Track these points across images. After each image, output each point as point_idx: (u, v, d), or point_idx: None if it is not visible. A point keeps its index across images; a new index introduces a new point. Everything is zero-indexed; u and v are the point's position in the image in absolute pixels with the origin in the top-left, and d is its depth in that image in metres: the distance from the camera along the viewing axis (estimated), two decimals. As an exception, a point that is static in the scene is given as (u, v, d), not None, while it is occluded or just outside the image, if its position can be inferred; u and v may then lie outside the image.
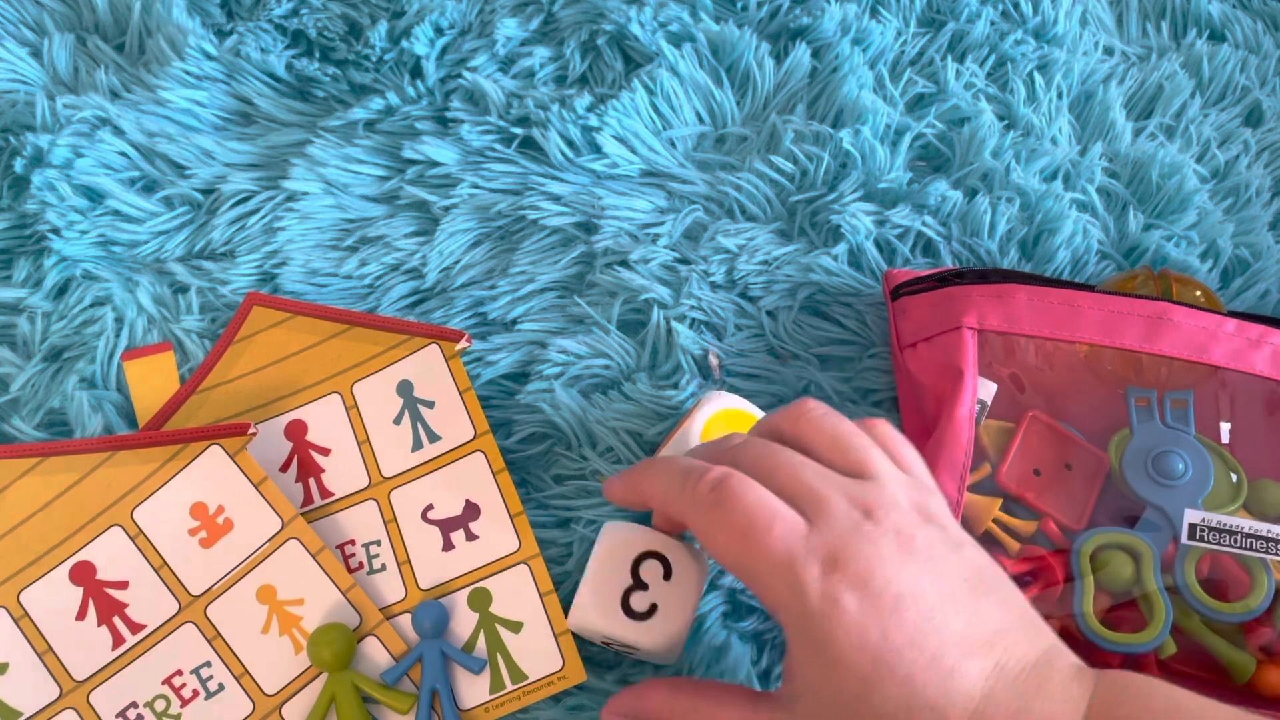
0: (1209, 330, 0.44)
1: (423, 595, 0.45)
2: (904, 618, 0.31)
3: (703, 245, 0.52)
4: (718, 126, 0.57)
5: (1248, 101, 0.58)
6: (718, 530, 0.33)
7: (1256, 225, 0.54)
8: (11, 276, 0.52)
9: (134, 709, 0.43)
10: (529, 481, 0.49)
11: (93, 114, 0.55)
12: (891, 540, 0.32)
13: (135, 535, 0.44)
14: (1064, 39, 0.59)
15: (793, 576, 0.31)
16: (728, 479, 0.34)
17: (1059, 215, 0.53)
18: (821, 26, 0.58)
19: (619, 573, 0.39)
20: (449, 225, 0.53)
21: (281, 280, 0.52)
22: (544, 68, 0.58)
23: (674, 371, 0.50)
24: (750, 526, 0.32)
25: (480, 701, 0.44)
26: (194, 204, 0.54)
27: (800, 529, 0.32)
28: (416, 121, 0.56)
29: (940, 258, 0.53)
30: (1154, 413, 0.44)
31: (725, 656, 0.44)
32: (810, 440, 0.36)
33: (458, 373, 0.48)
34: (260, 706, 0.43)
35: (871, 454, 0.35)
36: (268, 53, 0.57)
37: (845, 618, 0.31)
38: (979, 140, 0.55)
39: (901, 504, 0.33)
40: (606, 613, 0.39)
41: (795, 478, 0.34)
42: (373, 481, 0.47)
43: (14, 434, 0.48)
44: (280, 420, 0.48)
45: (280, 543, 0.45)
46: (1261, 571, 0.41)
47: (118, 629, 0.44)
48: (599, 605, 0.39)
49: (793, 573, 0.31)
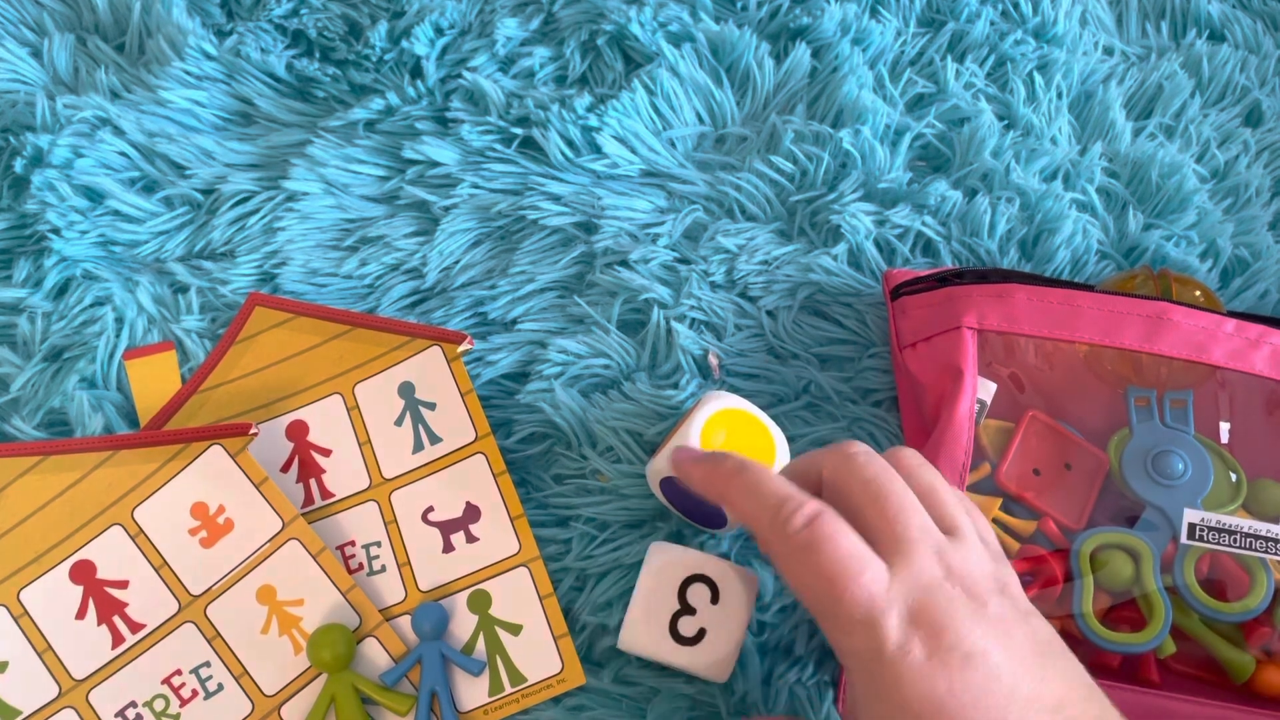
0: (1208, 330, 0.44)
1: (422, 597, 0.45)
2: (971, 675, 0.31)
3: (703, 245, 0.52)
4: (718, 126, 0.57)
5: (1247, 101, 0.58)
6: (804, 571, 0.33)
7: (1256, 225, 0.54)
8: (11, 276, 0.52)
9: (133, 708, 0.43)
10: (529, 481, 0.49)
11: (93, 114, 0.55)
12: (966, 602, 0.33)
13: (135, 535, 0.44)
14: (1064, 39, 0.59)
15: (872, 623, 0.32)
16: (820, 520, 0.33)
17: (1059, 215, 0.53)
18: (821, 26, 0.58)
19: (667, 597, 0.40)
20: (449, 225, 0.53)
21: (281, 280, 0.52)
22: (544, 68, 0.58)
23: (674, 371, 0.50)
24: (839, 574, 0.32)
25: (479, 704, 0.44)
26: (194, 204, 0.54)
27: (884, 578, 0.33)
28: (416, 122, 0.56)
29: (940, 258, 0.53)
30: (1153, 412, 0.44)
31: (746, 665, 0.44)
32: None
33: (459, 375, 0.48)
34: (259, 707, 0.43)
35: (961, 515, 0.36)
36: (268, 53, 0.57)
37: (915, 668, 0.31)
38: (979, 140, 0.55)
39: (979, 569, 0.34)
40: (655, 638, 0.40)
41: (898, 518, 0.34)
42: (373, 482, 0.47)
43: (14, 434, 0.48)
44: (281, 420, 0.48)
45: (280, 543, 0.45)
46: (1261, 571, 0.41)
47: (117, 628, 0.44)
48: (649, 630, 0.40)
49: (873, 620, 0.32)
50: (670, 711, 0.44)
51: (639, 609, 0.40)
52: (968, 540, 0.35)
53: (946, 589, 0.33)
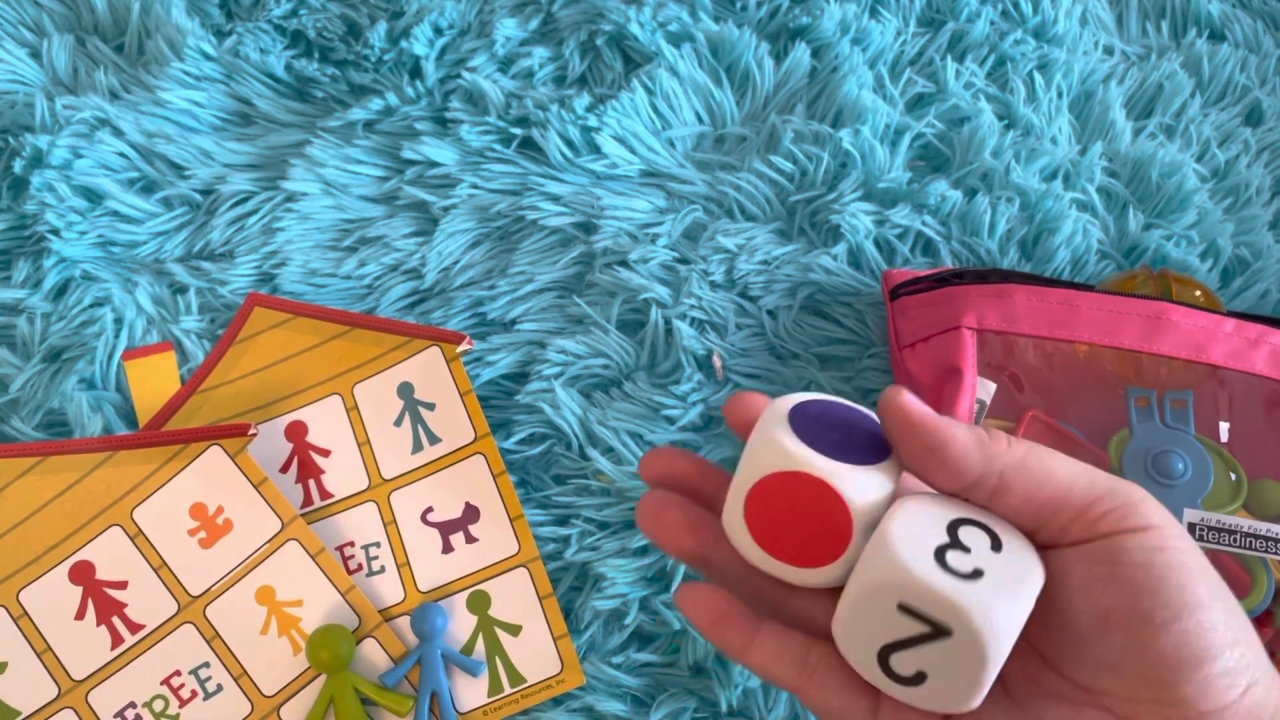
0: (1208, 330, 0.44)
1: (422, 597, 0.45)
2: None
3: (702, 245, 0.52)
4: (717, 126, 0.57)
5: (1248, 101, 0.58)
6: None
7: (1256, 225, 0.54)
8: (11, 277, 0.52)
9: (132, 709, 0.43)
10: (528, 481, 0.49)
11: (92, 115, 0.55)
12: None
13: (135, 535, 0.44)
14: (1064, 38, 0.59)
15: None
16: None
17: (1059, 215, 0.52)
18: (821, 26, 0.58)
19: (931, 529, 0.28)
20: (448, 225, 0.53)
21: (280, 281, 0.52)
22: (543, 68, 0.58)
23: (673, 370, 0.50)
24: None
25: (478, 704, 0.44)
26: (193, 204, 0.54)
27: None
28: (416, 122, 0.56)
29: (940, 257, 0.53)
30: (1153, 412, 0.44)
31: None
32: None
33: (459, 375, 0.48)
34: (259, 707, 0.43)
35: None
36: (267, 53, 0.57)
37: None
38: (979, 140, 0.54)
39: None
40: (916, 559, 0.27)
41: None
42: (373, 483, 0.47)
43: (14, 434, 0.48)
44: (281, 421, 0.48)
45: (280, 544, 0.45)
46: (1261, 571, 0.41)
47: (117, 629, 0.44)
48: (907, 550, 0.27)
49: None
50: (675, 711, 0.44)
51: (891, 533, 0.28)
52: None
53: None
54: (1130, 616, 0.27)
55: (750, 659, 0.31)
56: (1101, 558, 0.28)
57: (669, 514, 0.32)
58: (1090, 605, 0.28)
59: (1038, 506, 0.29)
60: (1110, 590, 0.28)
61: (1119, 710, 0.28)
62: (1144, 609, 0.27)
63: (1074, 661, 0.29)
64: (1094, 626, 0.28)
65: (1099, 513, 0.28)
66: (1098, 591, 0.28)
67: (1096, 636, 0.28)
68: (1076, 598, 0.28)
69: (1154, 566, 0.27)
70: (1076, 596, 0.28)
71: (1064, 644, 0.29)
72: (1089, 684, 0.28)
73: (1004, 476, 0.29)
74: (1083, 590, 0.28)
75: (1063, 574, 0.29)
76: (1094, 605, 0.28)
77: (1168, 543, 0.28)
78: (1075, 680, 0.29)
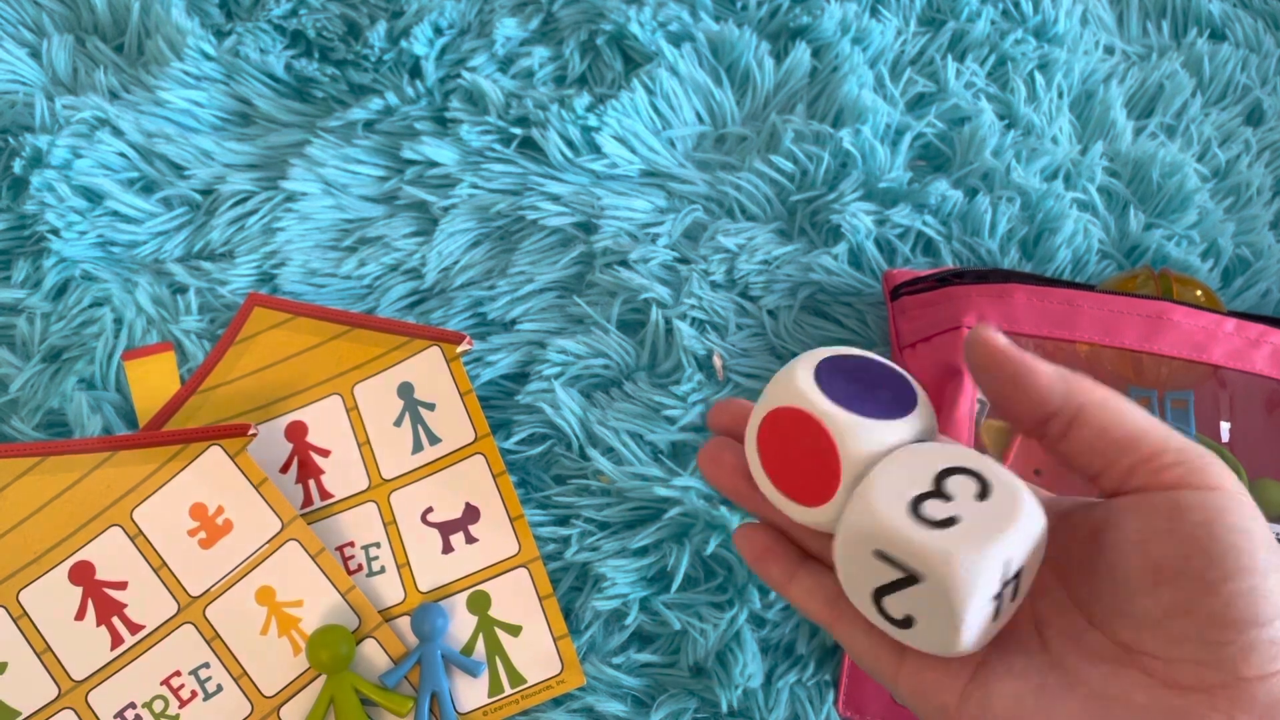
0: (1208, 330, 0.44)
1: (422, 598, 0.45)
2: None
3: (702, 245, 0.52)
4: (717, 126, 0.57)
5: (1248, 100, 0.58)
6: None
7: (1257, 224, 0.54)
8: (11, 277, 0.52)
9: (132, 709, 0.43)
10: (528, 481, 0.49)
11: (91, 115, 0.54)
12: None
13: (135, 535, 0.44)
14: (1064, 38, 0.59)
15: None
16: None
17: (1060, 215, 0.52)
18: (821, 26, 0.58)
19: (916, 478, 0.28)
20: (448, 225, 0.53)
21: (280, 281, 0.52)
22: (543, 68, 0.57)
23: (674, 370, 0.50)
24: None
25: (479, 704, 0.44)
26: (193, 204, 0.54)
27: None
28: (415, 122, 0.56)
29: (940, 257, 0.52)
30: (1154, 413, 0.44)
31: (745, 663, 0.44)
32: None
33: (459, 375, 0.48)
34: (259, 708, 0.43)
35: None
36: (266, 53, 0.57)
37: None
38: (979, 140, 0.54)
39: None
40: (889, 507, 0.28)
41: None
42: (373, 483, 0.47)
43: (14, 434, 0.48)
44: (281, 421, 0.48)
45: (279, 544, 0.45)
46: (1262, 572, 0.41)
47: (116, 629, 0.44)
48: (883, 499, 0.28)
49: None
50: (675, 712, 0.44)
51: (874, 485, 0.28)
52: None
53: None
54: (1181, 573, 0.27)
55: (789, 593, 0.33)
56: (1162, 510, 0.28)
57: (725, 455, 0.34)
58: (1143, 558, 0.28)
59: (1108, 443, 0.29)
60: (1166, 544, 0.27)
61: (1159, 673, 0.28)
62: (1197, 567, 0.27)
63: (1118, 617, 0.29)
64: (1143, 580, 0.28)
65: (1167, 462, 0.28)
66: (1153, 544, 0.28)
67: (1145, 591, 0.28)
68: (1129, 549, 0.28)
69: (1214, 526, 0.27)
70: (1130, 548, 0.28)
71: (1110, 597, 0.29)
72: (1131, 642, 0.28)
73: (1083, 410, 0.29)
74: (1138, 542, 0.28)
75: (1119, 524, 0.29)
76: (1147, 558, 0.28)
77: (1232, 505, 0.27)
78: (1118, 639, 0.29)
